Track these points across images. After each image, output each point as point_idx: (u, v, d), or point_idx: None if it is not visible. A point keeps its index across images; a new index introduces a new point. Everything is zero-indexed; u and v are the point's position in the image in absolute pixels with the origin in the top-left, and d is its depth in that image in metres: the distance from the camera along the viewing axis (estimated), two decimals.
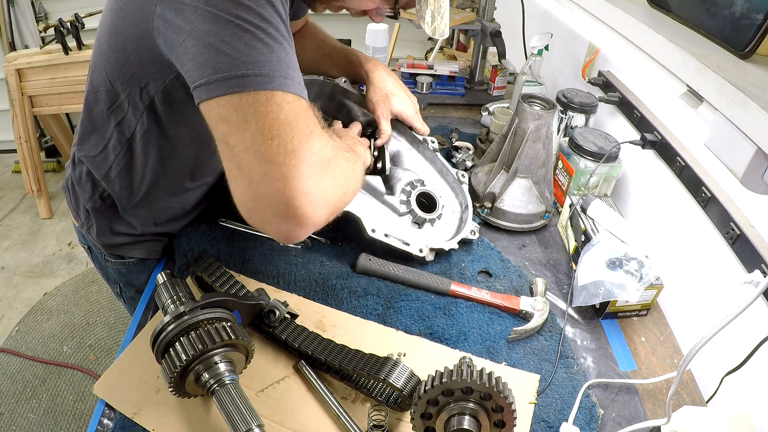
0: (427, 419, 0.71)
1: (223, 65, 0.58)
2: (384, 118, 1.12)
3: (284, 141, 0.58)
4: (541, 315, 0.95)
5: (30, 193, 2.93)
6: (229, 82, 0.58)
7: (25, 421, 1.95)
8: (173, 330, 0.72)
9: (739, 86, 0.77)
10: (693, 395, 0.89)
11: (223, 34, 0.58)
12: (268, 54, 0.60)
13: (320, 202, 0.62)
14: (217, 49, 0.58)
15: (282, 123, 0.58)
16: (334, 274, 1.01)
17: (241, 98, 0.58)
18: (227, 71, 0.58)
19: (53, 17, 3.12)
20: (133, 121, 0.83)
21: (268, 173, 0.58)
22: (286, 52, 0.63)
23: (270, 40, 0.61)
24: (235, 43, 0.58)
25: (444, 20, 0.91)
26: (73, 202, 1.01)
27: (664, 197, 1.11)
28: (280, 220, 0.61)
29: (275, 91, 0.59)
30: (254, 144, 0.58)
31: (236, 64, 0.58)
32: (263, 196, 0.59)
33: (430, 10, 0.88)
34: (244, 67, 0.58)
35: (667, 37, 1.00)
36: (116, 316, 2.39)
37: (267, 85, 0.58)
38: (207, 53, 0.59)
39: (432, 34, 0.91)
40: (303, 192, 0.59)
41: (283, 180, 0.58)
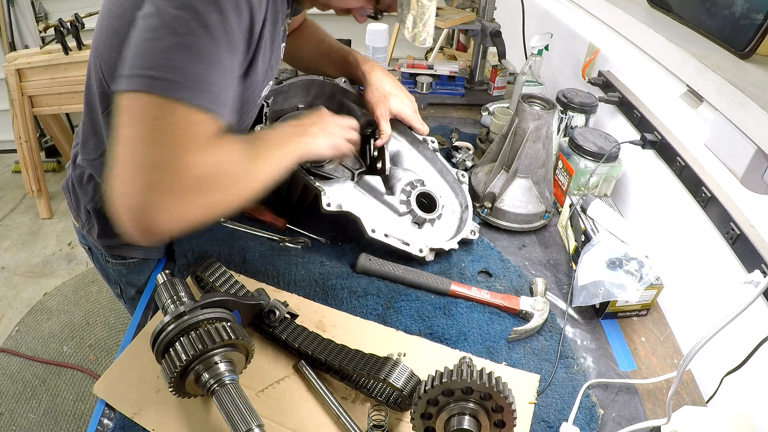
0: (427, 419, 0.71)
1: (142, 62, 0.59)
2: (383, 118, 1.12)
3: (160, 153, 0.59)
4: (541, 315, 0.95)
5: (30, 193, 2.93)
6: (141, 80, 0.59)
7: (25, 421, 1.95)
8: (173, 330, 0.72)
9: (739, 86, 0.77)
10: (693, 395, 0.89)
11: (158, 33, 0.60)
12: (188, 62, 0.60)
13: (171, 217, 0.61)
14: (146, 47, 0.60)
15: (169, 133, 0.59)
16: (334, 274, 1.01)
17: (145, 97, 0.59)
18: (143, 69, 0.59)
19: (53, 17, 3.12)
20: None
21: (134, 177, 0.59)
22: (210, 66, 0.62)
23: (197, 50, 0.61)
24: (163, 43, 0.60)
25: (427, 28, 0.88)
26: (74, 202, 1.01)
27: (664, 197, 1.11)
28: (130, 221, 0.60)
29: (175, 102, 0.59)
30: (135, 143, 0.59)
31: (153, 64, 0.59)
32: (124, 194, 0.60)
33: (412, 15, 0.85)
34: (158, 69, 0.59)
35: (667, 37, 1.00)
36: (116, 316, 2.39)
37: (171, 92, 0.59)
38: (137, 48, 0.61)
39: (412, 40, 0.88)
40: (157, 206, 0.59)
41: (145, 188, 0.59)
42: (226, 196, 0.68)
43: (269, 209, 1.12)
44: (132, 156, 0.59)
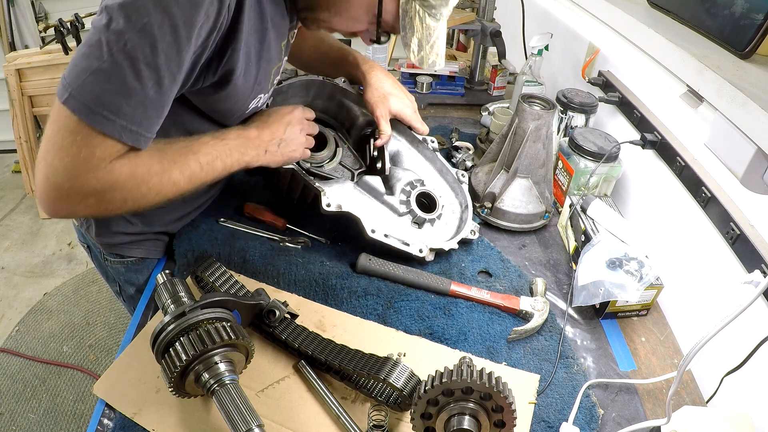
0: (427, 419, 0.71)
1: (73, 77, 0.64)
2: (383, 118, 1.12)
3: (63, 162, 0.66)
4: (541, 315, 0.95)
5: (30, 193, 2.93)
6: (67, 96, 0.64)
7: (25, 421, 1.95)
8: (173, 330, 0.72)
9: (739, 86, 0.77)
10: (693, 395, 0.89)
11: (90, 49, 0.64)
12: (105, 86, 0.64)
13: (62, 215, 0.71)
14: (79, 60, 0.64)
15: (70, 145, 0.65)
16: (334, 274, 1.01)
17: (69, 112, 0.64)
18: (71, 84, 0.64)
19: (53, 17, 3.11)
20: None
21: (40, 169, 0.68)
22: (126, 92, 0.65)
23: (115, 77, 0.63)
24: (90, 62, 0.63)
25: (435, 49, 0.85)
26: None
27: (664, 197, 1.11)
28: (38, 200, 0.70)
29: (84, 123, 0.64)
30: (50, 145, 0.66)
31: (77, 82, 0.64)
32: (37, 177, 0.68)
33: (417, 37, 0.83)
34: (79, 90, 0.64)
35: (667, 37, 1.00)
36: (116, 316, 2.39)
37: (86, 117, 0.64)
38: (76, 57, 0.65)
39: (419, 63, 0.86)
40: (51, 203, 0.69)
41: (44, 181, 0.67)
42: (119, 205, 0.74)
43: (269, 209, 1.12)
44: (47, 151, 0.67)
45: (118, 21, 0.62)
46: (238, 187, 1.20)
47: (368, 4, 0.81)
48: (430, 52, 0.85)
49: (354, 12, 0.82)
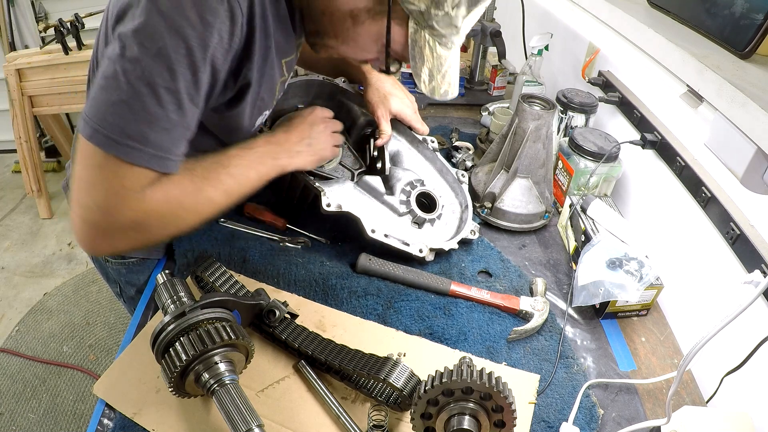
0: (427, 419, 0.71)
1: (94, 111, 0.64)
2: (384, 118, 1.12)
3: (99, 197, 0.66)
4: (541, 315, 0.95)
5: (30, 193, 2.93)
6: (89, 130, 0.64)
7: (25, 421, 1.95)
8: (173, 330, 0.72)
9: (739, 86, 0.77)
10: (693, 395, 0.89)
11: (110, 82, 0.63)
12: (129, 117, 0.64)
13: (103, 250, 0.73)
14: (99, 94, 0.64)
15: (101, 180, 0.66)
16: (334, 274, 1.01)
17: (94, 148, 0.64)
18: (93, 118, 0.64)
19: (53, 17, 3.11)
20: None
21: (74, 209, 0.68)
22: (151, 120, 0.65)
23: (137, 106, 0.63)
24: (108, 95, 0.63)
25: (447, 78, 0.81)
26: None
27: (664, 197, 1.11)
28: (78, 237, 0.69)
29: (119, 159, 0.64)
30: (82, 183, 0.67)
31: (99, 116, 0.63)
32: (73, 216, 0.69)
33: (427, 67, 0.79)
34: (103, 124, 0.63)
35: (667, 37, 1.00)
36: (116, 316, 2.39)
37: (112, 149, 0.64)
38: (95, 90, 0.65)
39: (430, 93, 0.82)
40: (90, 240, 0.69)
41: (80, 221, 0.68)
42: (159, 232, 0.73)
43: (269, 209, 1.12)
44: (78, 191, 0.67)
45: (132, 48, 0.62)
46: None
47: (376, 34, 0.78)
48: (442, 81, 0.82)
49: (362, 41, 0.80)
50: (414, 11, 0.74)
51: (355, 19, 0.77)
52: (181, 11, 0.62)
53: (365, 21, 0.76)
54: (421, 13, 0.74)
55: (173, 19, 0.62)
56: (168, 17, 0.62)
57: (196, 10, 0.62)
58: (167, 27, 0.62)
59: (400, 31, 0.77)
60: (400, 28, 0.77)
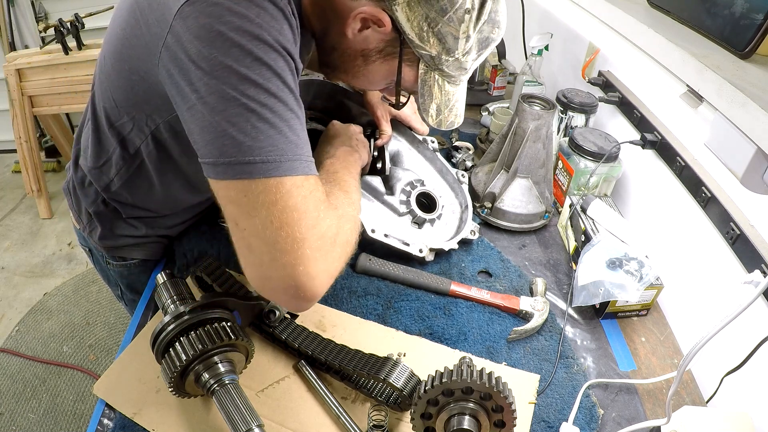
0: (427, 419, 0.71)
1: (229, 149, 0.58)
2: (384, 118, 1.12)
3: (293, 230, 0.60)
4: (541, 315, 0.95)
5: (30, 193, 2.93)
6: (236, 168, 0.58)
7: (25, 421, 1.95)
8: (173, 330, 0.72)
9: (739, 86, 0.77)
10: (693, 395, 0.89)
11: (229, 113, 0.58)
12: (276, 136, 0.59)
13: (326, 280, 0.64)
14: (224, 130, 0.58)
15: (291, 210, 0.60)
16: None
17: (249, 185, 0.59)
18: (234, 156, 0.58)
19: (53, 17, 3.11)
20: (137, 141, 0.82)
21: (277, 259, 0.60)
22: (293, 130, 0.61)
23: (277, 120, 0.60)
24: (242, 124, 0.58)
25: (454, 111, 0.83)
26: (75, 205, 1.00)
27: (664, 197, 1.11)
28: (289, 298, 0.63)
29: (283, 177, 0.59)
30: (263, 231, 0.60)
31: (243, 149, 0.58)
32: (272, 278, 0.62)
33: (435, 104, 0.80)
34: (251, 153, 0.58)
35: (667, 37, 1.00)
36: (116, 316, 2.39)
37: (274, 172, 0.59)
38: (213, 132, 0.59)
39: (437, 126, 0.84)
40: (311, 276, 0.62)
41: (291, 267, 0.60)
42: (353, 238, 0.72)
43: None
44: (266, 242, 0.60)
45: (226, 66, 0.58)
46: None
47: (387, 72, 0.79)
48: (449, 114, 0.83)
49: (371, 77, 0.81)
50: (425, 55, 0.74)
51: (366, 59, 0.77)
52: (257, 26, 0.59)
53: (376, 60, 0.77)
54: (432, 58, 0.74)
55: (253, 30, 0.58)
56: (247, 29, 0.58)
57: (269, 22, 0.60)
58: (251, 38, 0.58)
59: (411, 71, 0.78)
60: (410, 68, 0.78)
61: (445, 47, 0.72)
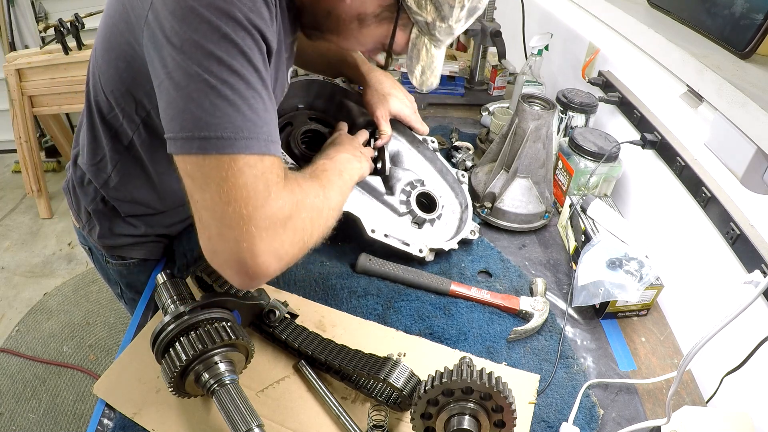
0: (427, 419, 0.71)
1: (188, 124, 0.59)
2: (383, 119, 1.12)
3: (240, 206, 0.60)
4: (541, 315, 0.95)
5: (30, 193, 2.93)
6: (193, 143, 0.60)
7: (25, 421, 1.95)
8: (173, 330, 0.72)
9: (739, 86, 0.77)
10: (693, 395, 0.89)
11: (190, 89, 0.59)
12: (233, 114, 0.60)
13: (272, 261, 0.64)
14: (185, 106, 0.60)
15: (240, 187, 0.60)
16: (334, 274, 1.01)
17: (204, 160, 0.60)
18: (191, 131, 0.59)
19: (53, 17, 3.11)
20: (128, 132, 0.83)
21: (223, 234, 0.61)
22: (253, 109, 0.61)
23: (236, 98, 0.60)
24: (201, 100, 0.59)
25: (434, 73, 0.88)
26: (74, 204, 1.00)
27: (664, 197, 1.11)
28: (233, 273, 0.63)
29: (237, 155, 0.60)
30: (213, 205, 0.61)
31: (200, 125, 0.59)
32: (219, 251, 0.63)
33: (421, 65, 0.85)
34: (207, 129, 0.59)
35: (667, 37, 1.00)
36: (116, 316, 2.39)
37: (228, 149, 0.60)
38: (175, 107, 0.61)
39: (419, 86, 0.88)
40: (254, 254, 0.62)
41: (236, 242, 0.61)
42: (313, 229, 0.71)
43: None
44: (214, 216, 0.61)
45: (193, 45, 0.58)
46: None
47: (380, 35, 0.82)
48: (431, 76, 0.88)
49: (363, 40, 0.83)
50: (420, 21, 0.78)
51: (362, 22, 0.79)
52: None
53: (371, 24, 0.79)
54: (427, 24, 0.78)
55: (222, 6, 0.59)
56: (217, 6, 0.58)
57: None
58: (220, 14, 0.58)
59: (403, 35, 0.82)
60: (403, 33, 0.82)
61: (440, 14, 0.76)
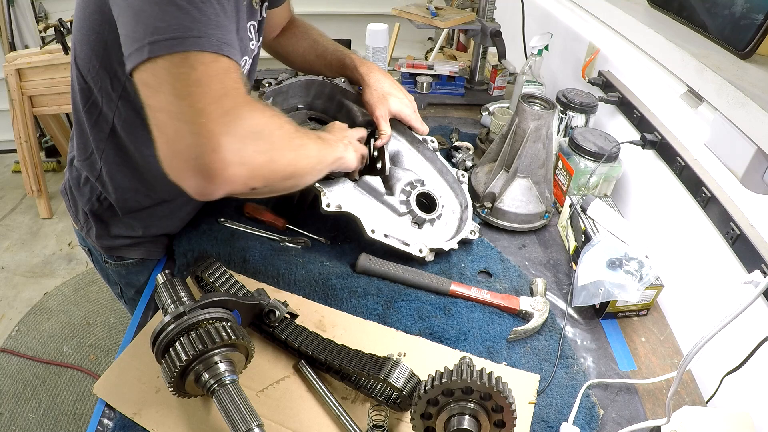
0: (427, 419, 0.71)
1: (140, 34, 0.59)
2: (383, 119, 1.12)
3: (194, 101, 0.59)
4: (541, 315, 0.95)
5: (30, 193, 2.93)
6: (144, 50, 0.59)
7: (25, 421, 1.95)
8: (173, 330, 0.72)
9: (739, 86, 0.77)
10: (693, 395, 0.89)
11: (143, 3, 0.60)
12: (182, 16, 0.59)
13: (232, 160, 0.61)
14: (136, 20, 0.60)
15: (192, 83, 0.59)
16: (334, 274, 1.01)
17: (156, 63, 0.59)
18: (143, 39, 0.59)
19: (53, 17, 3.11)
20: (109, 114, 0.84)
21: (179, 130, 0.60)
22: (202, 12, 0.61)
23: (185, 3, 0.60)
24: (152, 9, 0.59)
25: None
26: (72, 205, 1.01)
27: (664, 197, 1.11)
28: (192, 175, 0.61)
29: (188, 52, 0.59)
30: (167, 104, 0.60)
31: (150, 30, 0.59)
32: (178, 151, 0.60)
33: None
34: (157, 33, 0.59)
35: (667, 37, 1.00)
36: (116, 316, 2.39)
37: (178, 47, 0.59)
38: (128, 25, 0.61)
39: None
40: (212, 149, 0.60)
41: (193, 136, 0.59)
42: (279, 154, 0.68)
43: (269, 209, 1.12)
44: (169, 116, 0.59)
45: None
46: None
47: None
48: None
49: None
50: None
51: None
52: None
53: None
54: None
55: None
56: None
57: None
58: None
59: None
60: None
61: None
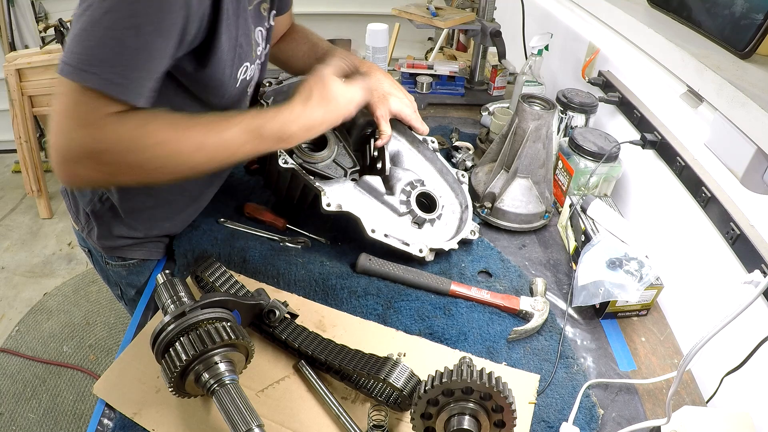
0: (427, 419, 0.71)
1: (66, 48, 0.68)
2: (383, 118, 1.12)
3: (54, 126, 0.70)
4: (541, 315, 0.95)
5: (30, 193, 2.93)
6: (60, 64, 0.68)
7: (25, 421, 1.95)
8: (173, 330, 0.72)
9: (739, 86, 0.77)
10: (693, 395, 0.89)
11: (76, 19, 0.67)
12: (85, 43, 0.66)
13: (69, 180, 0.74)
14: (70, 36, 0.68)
15: (67, 107, 0.70)
16: (334, 274, 1.01)
17: (59, 79, 0.69)
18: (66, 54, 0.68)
19: (53, 17, 3.11)
20: None
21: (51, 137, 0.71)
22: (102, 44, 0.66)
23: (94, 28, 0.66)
24: (75, 28, 0.67)
25: None
26: (73, 206, 1.00)
27: (664, 197, 1.11)
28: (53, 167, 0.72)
29: (65, 79, 0.68)
30: (54, 111, 0.71)
31: (65, 49, 0.68)
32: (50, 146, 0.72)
33: None
34: (65, 53, 0.67)
35: (667, 37, 1.00)
36: (116, 316, 2.39)
37: (63, 72, 0.68)
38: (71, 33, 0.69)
39: None
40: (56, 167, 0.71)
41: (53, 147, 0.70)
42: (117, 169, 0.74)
43: (269, 209, 1.12)
44: (53, 121, 0.70)
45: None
46: (237, 187, 1.20)
47: None
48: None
49: None
50: None
51: None
52: None
53: None
54: None
55: None
56: None
57: None
58: None
59: None
60: None
61: None
